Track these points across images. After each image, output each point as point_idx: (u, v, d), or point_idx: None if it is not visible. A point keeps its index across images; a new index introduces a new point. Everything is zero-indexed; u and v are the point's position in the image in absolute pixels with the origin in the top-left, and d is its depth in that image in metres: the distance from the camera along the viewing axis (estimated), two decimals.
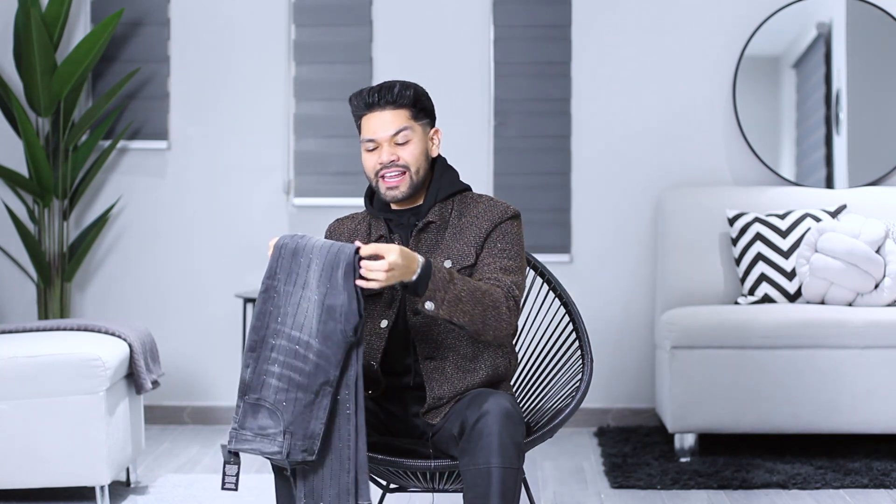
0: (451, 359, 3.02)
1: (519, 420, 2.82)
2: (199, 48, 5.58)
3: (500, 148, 5.53)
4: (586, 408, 5.42)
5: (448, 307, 2.84)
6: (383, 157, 3.04)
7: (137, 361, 4.22)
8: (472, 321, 2.87)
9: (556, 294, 3.36)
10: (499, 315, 2.90)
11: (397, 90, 3.04)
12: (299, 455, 2.75)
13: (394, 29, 5.56)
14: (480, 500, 2.75)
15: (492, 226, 3.04)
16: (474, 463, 2.77)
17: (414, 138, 3.06)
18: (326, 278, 2.77)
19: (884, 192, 5.31)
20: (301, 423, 2.75)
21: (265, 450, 2.77)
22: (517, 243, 3.05)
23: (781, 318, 4.73)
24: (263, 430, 2.78)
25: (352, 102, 3.09)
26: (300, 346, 2.77)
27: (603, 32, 5.53)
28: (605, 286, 5.53)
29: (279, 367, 2.77)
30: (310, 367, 2.75)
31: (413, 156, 3.05)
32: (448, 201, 3.10)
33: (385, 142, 3.04)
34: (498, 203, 3.08)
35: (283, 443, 2.75)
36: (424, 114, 3.09)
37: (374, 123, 3.05)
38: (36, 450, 3.93)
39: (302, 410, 2.75)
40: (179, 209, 5.57)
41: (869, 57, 5.46)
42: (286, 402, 2.76)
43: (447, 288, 2.83)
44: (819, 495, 4.24)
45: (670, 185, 5.49)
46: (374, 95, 3.04)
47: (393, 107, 3.05)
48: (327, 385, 2.75)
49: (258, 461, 4.81)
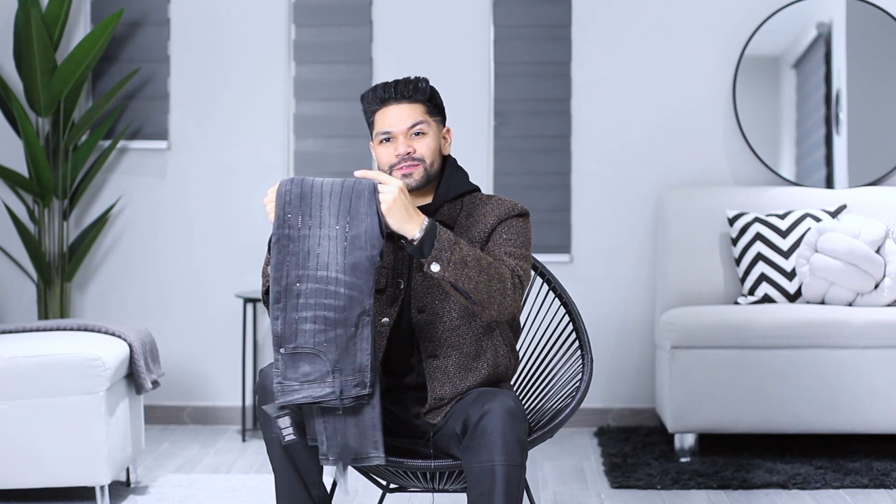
0: (454, 357, 3.01)
1: (522, 418, 2.83)
2: (199, 48, 5.58)
3: (500, 148, 5.53)
4: (586, 408, 5.42)
5: (454, 269, 2.83)
6: (400, 148, 3.04)
7: (137, 361, 4.22)
8: (478, 289, 2.86)
9: (556, 294, 3.36)
10: (504, 289, 2.90)
11: (414, 84, 3.06)
12: (353, 391, 2.76)
13: (394, 29, 5.56)
14: (485, 497, 2.76)
15: (497, 221, 3.04)
16: (478, 460, 2.78)
17: (430, 132, 3.07)
18: (346, 212, 2.80)
19: (884, 192, 5.31)
20: (347, 358, 2.76)
21: (316, 394, 2.76)
22: (523, 235, 3.04)
23: (781, 318, 4.73)
24: (308, 377, 2.77)
25: (365, 100, 3.09)
26: (329, 284, 2.77)
27: (603, 32, 5.53)
28: (605, 286, 5.53)
29: (311, 310, 2.77)
30: (343, 302, 2.77)
31: (429, 149, 3.06)
32: (457, 201, 3.10)
33: (401, 134, 3.05)
34: (506, 201, 3.08)
35: (334, 382, 2.76)
36: (438, 110, 3.12)
37: (390, 117, 3.06)
38: (36, 450, 3.93)
39: (345, 346, 2.76)
40: (179, 209, 5.57)
41: (869, 57, 5.46)
42: (327, 342, 2.76)
43: (453, 249, 2.84)
44: (819, 495, 4.24)
45: (670, 185, 5.49)
46: (391, 90, 3.06)
47: (409, 101, 3.07)
48: (364, 315, 2.77)
49: (258, 460, 4.81)
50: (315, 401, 2.76)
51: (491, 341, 3.05)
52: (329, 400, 2.76)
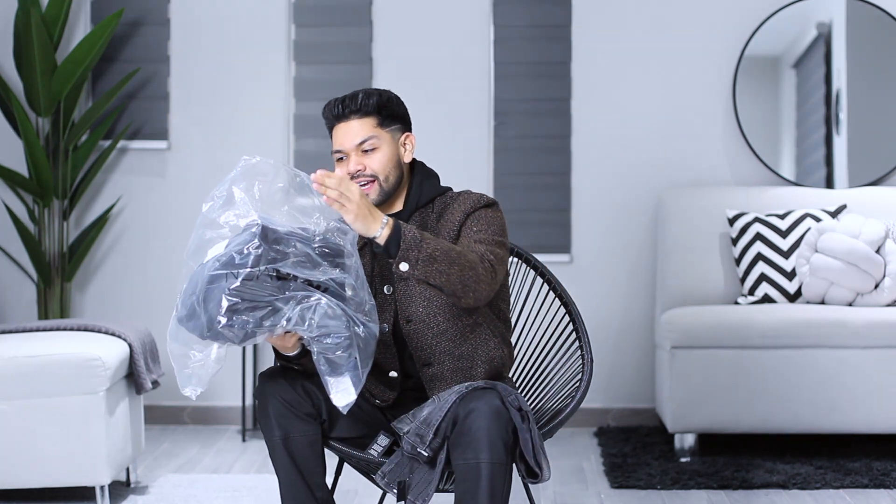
0: (447, 363, 3.03)
1: (507, 417, 2.83)
2: (199, 48, 5.58)
3: (500, 148, 5.53)
4: (586, 408, 5.42)
5: (423, 267, 2.83)
6: (350, 166, 3.03)
7: (137, 361, 4.22)
8: (450, 281, 2.87)
9: (556, 294, 3.36)
10: (476, 276, 2.90)
11: (360, 99, 3.04)
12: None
13: (394, 29, 5.56)
14: (470, 494, 2.78)
15: (465, 216, 3.04)
16: (464, 458, 2.79)
17: (381, 146, 3.05)
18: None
19: (884, 192, 5.31)
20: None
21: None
22: (493, 224, 3.03)
23: (781, 318, 4.73)
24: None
25: (323, 115, 3.09)
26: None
27: (603, 32, 5.53)
28: (605, 286, 5.53)
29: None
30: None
31: (381, 164, 3.04)
32: (428, 206, 3.10)
33: (352, 151, 3.04)
34: (472, 194, 3.07)
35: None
36: (393, 120, 3.07)
37: (340, 134, 3.05)
38: (36, 450, 3.93)
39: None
40: (179, 209, 5.57)
41: (869, 57, 5.46)
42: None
43: (420, 247, 2.83)
44: (819, 495, 4.24)
45: (670, 185, 5.49)
46: (339, 106, 3.05)
47: (358, 115, 3.04)
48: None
49: (258, 460, 4.82)
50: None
51: (480, 337, 3.05)
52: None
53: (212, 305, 2.69)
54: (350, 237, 2.84)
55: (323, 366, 2.78)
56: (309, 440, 2.92)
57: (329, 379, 2.78)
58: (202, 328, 2.72)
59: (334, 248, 2.80)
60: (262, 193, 2.78)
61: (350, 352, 2.76)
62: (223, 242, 2.75)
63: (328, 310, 2.74)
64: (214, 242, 2.76)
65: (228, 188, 2.78)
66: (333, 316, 2.74)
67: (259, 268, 2.69)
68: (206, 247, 2.76)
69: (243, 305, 2.69)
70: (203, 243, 2.77)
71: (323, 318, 2.73)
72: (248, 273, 2.69)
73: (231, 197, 2.77)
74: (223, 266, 2.70)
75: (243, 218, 2.75)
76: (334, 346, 2.75)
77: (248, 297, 2.69)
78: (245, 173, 2.79)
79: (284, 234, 2.74)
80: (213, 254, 2.74)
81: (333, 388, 2.78)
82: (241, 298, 2.69)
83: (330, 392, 2.79)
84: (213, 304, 2.69)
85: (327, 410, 2.95)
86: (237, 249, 2.70)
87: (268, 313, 2.72)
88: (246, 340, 2.74)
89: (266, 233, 2.72)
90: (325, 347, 2.75)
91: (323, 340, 2.75)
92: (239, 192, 2.77)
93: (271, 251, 2.71)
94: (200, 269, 2.73)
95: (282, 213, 2.78)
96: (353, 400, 2.79)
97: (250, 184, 2.78)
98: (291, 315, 2.72)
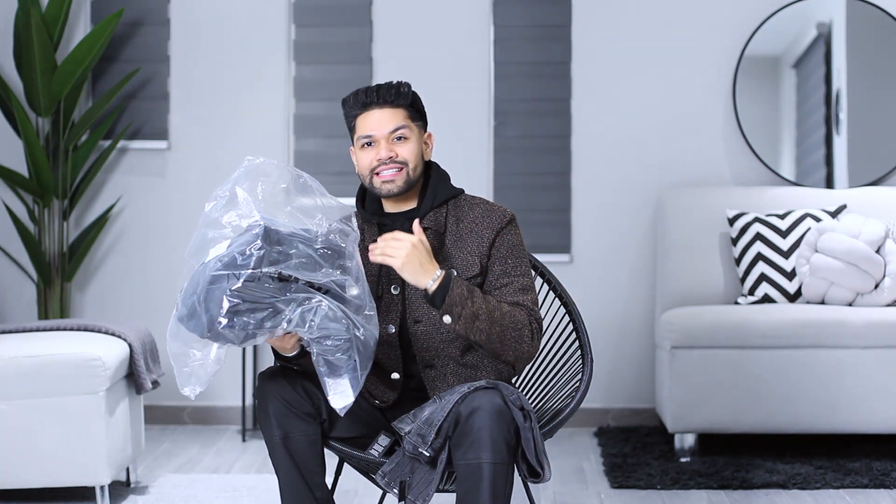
0: (451, 367, 3.03)
1: (510, 417, 2.83)
2: (199, 48, 5.58)
3: (500, 148, 5.53)
4: (586, 408, 5.42)
5: (465, 323, 2.87)
6: (381, 153, 3.04)
7: (137, 361, 4.22)
8: (490, 340, 2.90)
9: (557, 294, 3.36)
10: (520, 336, 2.93)
11: (396, 88, 3.05)
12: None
13: (394, 29, 5.56)
14: (472, 494, 2.78)
15: (493, 234, 3.04)
16: (466, 458, 2.79)
17: (412, 137, 3.07)
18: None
19: (884, 192, 5.31)
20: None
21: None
22: (522, 252, 3.07)
23: (781, 318, 4.73)
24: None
25: (346, 104, 3.09)
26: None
27: (603, 32, 5.53)
28: (605, 286, 5.53)
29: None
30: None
31: (412, 153, 3.06)
32: (441, 207, 3.10)
33: (383, 138, 3.04)
34: (493, 207, 3.08)
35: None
36: (420, 116, 3.10)
37: (372, 121, 3.05)
38: (36, 450, 3.93)
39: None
40: (179, 209, 5.57)
41: (869, 57, 5.46)
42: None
43: (464, 304, 2.87)
44: (819, 495, 4.24)
45: (670, 185, 5.49)
46: (373, 94, 3.05)
47: (391, 105, 3.06)
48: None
49: (258, 460, 4.81)
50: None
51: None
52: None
53: (213, 306, 2.69)
54: (352, 238, 2.84)
55: (322, 367, 2.78)
56: (309, 440, 2.92)
57: (328, 380, 2.78)
58: (202, 328, 2.72)
59: (336, 249, 2.80)
60: (265, 194, 2.78)
61: (350, 354, 2.76)
62: (225, 242, 2.75)
63: (329, 312, 2.74)
64: (217, 242, 2.76)
65: (232, 188, 2.79)
66: (334, 318, 2.74)
67: (261, 269, 2.69)
68: (208, 246, 2.76)
69: (244, 307, 2.69)
70: (205, 242, 2.77)
71: (323, 320, 2.73)
72: (249, 274, 2.69)
73: (234, 197, 2.78)
74: (225, 267, 2.70)
75: (246, 218, 2.75)
76: (334, 348, 2.75)
77: (250, 299, 2.69)
78: (249, 173, 2.79)
79: (287, 235, 2.74)
80: (214, 253, 2.74)
81: (332, 390, 2.79)
82: (243, 300, 2.69)
83: (328, 394, 2.79)
84: (215, 304, 2.69)
85: (327, 410, 2.95)
86: (239, 250, 2.70)
87: (269, 315, 2.72)
88: (246, 341, 2.74)
89: (268, 234, 2.72)
90: (325, 349, 2.75)
91: (323, 342, 2.75)
92: (242, 193, 2.77)
93: (273, 252, 2.72)
94: (202, 269, 2.73)
95: (284, 214, 2.79)
96: (351, 402, 2.79)
97: (254, 184, 2.78)
98: (292, 317, 2.72)
